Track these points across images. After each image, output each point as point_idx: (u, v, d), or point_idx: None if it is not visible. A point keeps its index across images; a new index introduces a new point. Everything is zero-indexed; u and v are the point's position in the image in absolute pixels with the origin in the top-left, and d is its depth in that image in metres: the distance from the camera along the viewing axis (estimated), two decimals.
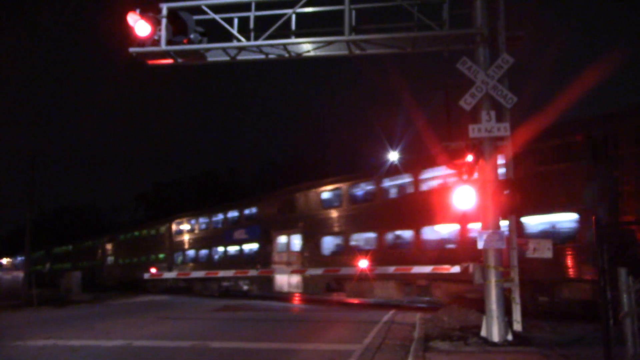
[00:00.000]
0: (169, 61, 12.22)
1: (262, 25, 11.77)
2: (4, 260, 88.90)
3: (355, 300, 22.37)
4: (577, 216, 14.33)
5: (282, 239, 25.83)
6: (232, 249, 30.07)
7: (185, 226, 34.13)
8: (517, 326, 10.67)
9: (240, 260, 28.64)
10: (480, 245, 10.48)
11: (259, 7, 11.91)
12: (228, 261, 29.64)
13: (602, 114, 14.85)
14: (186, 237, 34.24)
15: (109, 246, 47.71)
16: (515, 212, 11.05)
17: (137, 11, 11.42)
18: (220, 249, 31.04)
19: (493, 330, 10.23)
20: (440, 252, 18.27)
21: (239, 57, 12.33)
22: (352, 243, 22.20)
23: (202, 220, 33.46)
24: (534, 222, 15.44)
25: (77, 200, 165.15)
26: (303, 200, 25.17)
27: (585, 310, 13.46)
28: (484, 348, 9.77)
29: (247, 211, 29.55)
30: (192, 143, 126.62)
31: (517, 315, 10.71)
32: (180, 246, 34.40)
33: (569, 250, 14.12)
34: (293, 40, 11.83)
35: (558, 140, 14.82)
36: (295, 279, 24.62)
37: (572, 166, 14.37)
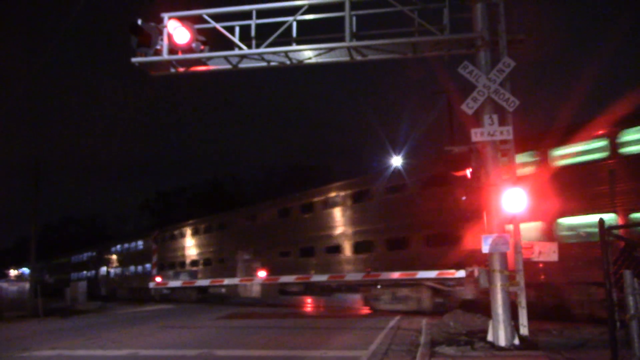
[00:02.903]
0: (171, 70, 12.28)
1: (264, 33, 11.84)
2: (11, 271, 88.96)
3: (361, 307, 22.40)
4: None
5: (102, 269, 51.54)
6: (96, 271, 53.88)
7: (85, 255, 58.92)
8: (524, 330, 10.60)
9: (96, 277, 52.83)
10: (485, 249, 10.43)
11: (260, 15, 11.96)
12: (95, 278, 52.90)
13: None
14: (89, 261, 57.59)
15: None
16: (519, 215, 11.01)
17: (139, 22, 11.49)
18: (92, 271, 54.50)
19: (499, 334, 10.19)
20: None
21: (241, 65, 12.38)
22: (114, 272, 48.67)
23: (86, 254, 58.06)
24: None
25: (82, 210, 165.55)
26: (108, 250, 50.48)
27: None
28: (490, 353, 9.73)
29: (92, 253, 55.31)
30: (196, 151, 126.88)
31: (523, 319, 10.65)
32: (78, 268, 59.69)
33: None
34: (294, 47, 11.87)
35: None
36: (105, 289, 49.12)
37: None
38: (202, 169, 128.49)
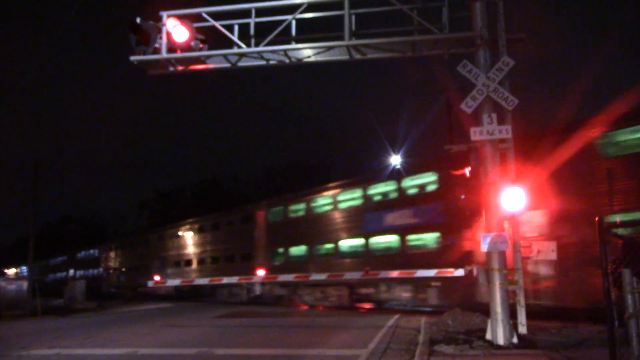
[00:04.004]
0: (170, 69, 12.25)
1: (263, 32, 11.82)
2: (11, 270, 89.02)
3: (360, 305, 22.45)
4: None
5: (70, 271, 59.63)
6: (66, 274, 61.72)
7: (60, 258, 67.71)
8: (522, 329, 10.61)
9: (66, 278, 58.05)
10: (484, 247, 10.44)
11: (259, 13, 11.93)
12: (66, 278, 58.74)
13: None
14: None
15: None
16: (517, 214, 11.00)
17: (138, 20, 11.47)
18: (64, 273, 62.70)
19: (498, 333, 10.19)
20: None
21: (240, 64, 12.35)
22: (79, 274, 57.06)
23: (60, 258, 66.35)
24: None
25: (81, 208, 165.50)
26: (75, 256, 59.88)
27: None
28: (489, 351, 9.73)
29: (64, 258, 63.99)
30: (195, 150, 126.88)
31: (522, 317, 10.65)
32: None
33: None
34: (293, 46, 11.86)
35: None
36: None
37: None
38: (201, 168, 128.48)
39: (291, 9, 11.77)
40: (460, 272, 16.44)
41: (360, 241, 21.86)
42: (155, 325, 17.84)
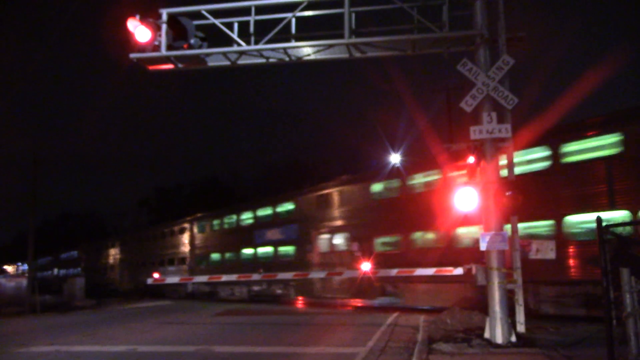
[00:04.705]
0: (170, 66, 12.20)
1: (262, 30, 11.78)
2: (8, 268, 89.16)
3: (359, 303, 22.49)
4: None
5: (54, 270, 66.12)
6: (51, 272, 69.80)
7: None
8: (521, 327, 10.63)
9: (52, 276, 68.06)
10: (483, 246, 10.44)
11: (258, 11, 11.90)
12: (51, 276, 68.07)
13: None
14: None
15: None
16: (517, 213, 11.01)
17: (137, 17, 11.42)
18: (49, 272, 70.24)
19: (496, 331, 10.20)
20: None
21: (240, 62, 12.32)
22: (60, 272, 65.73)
23: (47, 258, 71.25)
24: None
25: (80, 205, 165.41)
26: (58, 257, 67.16)
27: None
28: (487, 350, 9.75)
29: (50, 258, 69.63)
30: (194, 148, 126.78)
31: (520, 316, 10.68)
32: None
33: None
34: (293, 44, 11.83)
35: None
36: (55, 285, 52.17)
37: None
38: (201, 166, 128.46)
39: (291, 6, 11.74)
40: (459, 271, 16.51)
41: (252, 251, 30.36)
42: (154, 323, 17.86)
